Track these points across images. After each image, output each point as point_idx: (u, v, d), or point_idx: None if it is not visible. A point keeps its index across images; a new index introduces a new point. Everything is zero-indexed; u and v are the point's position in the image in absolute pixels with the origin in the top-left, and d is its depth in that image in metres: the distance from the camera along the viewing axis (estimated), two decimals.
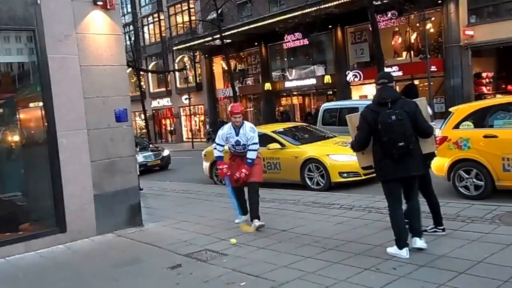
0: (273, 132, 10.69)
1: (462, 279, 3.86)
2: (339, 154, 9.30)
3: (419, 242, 4.64)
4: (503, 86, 19.78)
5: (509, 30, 17.78)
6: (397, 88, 21.51)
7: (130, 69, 32.35)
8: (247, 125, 6.36)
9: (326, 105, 14.77)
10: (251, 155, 6.21)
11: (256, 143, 6.26)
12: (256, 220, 6.14)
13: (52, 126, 6.16)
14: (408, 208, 4.76)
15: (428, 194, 5.19)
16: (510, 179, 6.67)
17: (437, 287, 3.73)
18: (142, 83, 37.66)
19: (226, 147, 6.54)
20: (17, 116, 6.77)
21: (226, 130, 6.38)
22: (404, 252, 4.52)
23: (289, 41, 26.74)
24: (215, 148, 6.53)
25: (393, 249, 4.63)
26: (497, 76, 20.63)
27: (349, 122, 5.01)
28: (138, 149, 16.80)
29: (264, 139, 10.45)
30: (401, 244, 4.56)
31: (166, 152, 17.23)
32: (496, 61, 20.74)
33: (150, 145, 19.39)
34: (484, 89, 20.24)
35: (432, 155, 5.25)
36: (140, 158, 15.43)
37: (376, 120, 4.46)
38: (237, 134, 6.28)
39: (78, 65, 6.35)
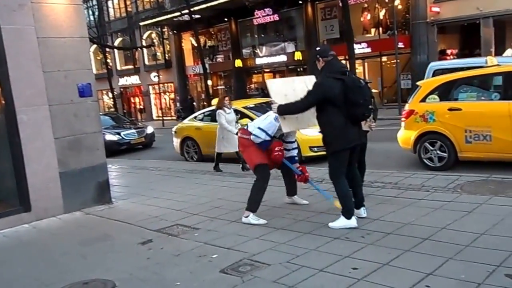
0: (244, 107, 10.65)
1: (427, 244, 3.98)
2: (310, 129, 9.35)
3: (364, 211, 4.87)
4: None
5: (473, 7, 18.12)
6: (366, 65, 21.37)
7: (95, 45, 31.43)
8: None
9: (436, 64, 12.07)
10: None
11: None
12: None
13: (10, 102, 5.91)
14: (353, 177, 4.87)
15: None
16: (472, 151, 6.91)
17: (403, 252, 3.85)
18: (109, 61, 36.66)
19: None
20: None
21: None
22: (354, 221, 4.65)
23: (259, 17, 26.49)
24: (256, 135, 5.24)
25: (340, 222, 4.68)
26: (460, 53, 21.05)
27: (270, 88, 5.03)
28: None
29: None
30: (351, 214, 4.67)
31: (150, 129, 16.63)
32: (460, 38, 21.15)
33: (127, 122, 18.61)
34: None
35: None
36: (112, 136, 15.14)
37: (341, 86, 4.45)
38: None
39: (35, 36, 6.07)
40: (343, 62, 22.84)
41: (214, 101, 14.42)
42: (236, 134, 8.20)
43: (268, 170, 5.37)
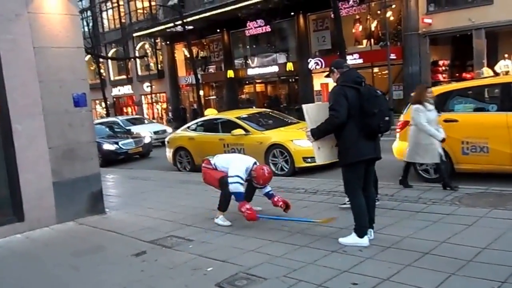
0: (237, 118, 10.62)
1: (428, 259, 3.93)
2: (303, 140, 9.32)
3: (372, 233, 4.56)
4: (457, 75, 20.43)
5: (465, 18, 18.31)
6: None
7: (89, 56, 31.42)
8: None
9: None
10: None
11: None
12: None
13: (5, 111, 5.87)
14: (366, 198, 4.52)
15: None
16: (469, 163, 6.88)
17: (404, 267, 3.78)
18: (102, 71, 36.65)
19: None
20: None
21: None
22: (366, 240, 4.40)
23: (251, 28, 26.57)
24: (237, 182, 5.48)
25: (350, 239, 4.45)
26: (452, 64, 21.24)
27: (306, 112, 4.67)
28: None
29: (228, 125, 10.43)
30: (363, 232, 4.41)
31: (147, 139, 16.45)
32: (452, 49, 21.33)
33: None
34: (440, 77, 20.80)
35: None
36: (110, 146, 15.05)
37: (357, 96, 4.29)
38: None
39: (31, 46, 6.06)
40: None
41: (208, 112, 14.39)
42: (442, 141, 6.47)
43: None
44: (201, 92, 28.24)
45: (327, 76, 4.83)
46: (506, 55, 18.00)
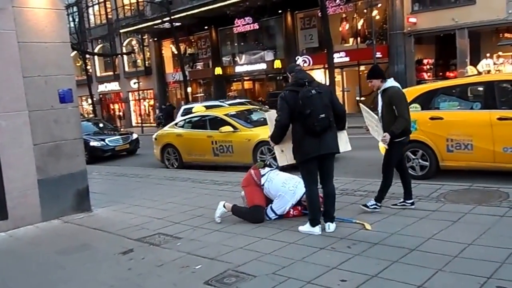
0: (225, 115, 10.60)
1: (415, 255, 3.96)
2: None
3: (332, 227, 4.85)
4: (441, 73, 20.70)
5: (448, 18, 18.57)
6: (344, 74, 21.90)
7: (75, 52, 31.13)
8: None
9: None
10: None
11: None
12: None
13: None
14: (325, 193, 4.95)
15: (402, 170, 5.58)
16: (453, 160, 6.96)
17: (392, 264, 3.81)
18: (88, 67, 36.29)
19: None
20: None
21: None
22: (317, 229, 4.81)
23: (239, 25, 26.59)
24: (274, 218, 5.51)
25: (305, 228, 4.88)
26: (436, 63, 21.51)
27: (268, 119, 5.24)
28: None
29: (217, 122, 10.41)
30: (314, 222, 4.84)
31: (134, 136, 16.35)
32: (436, 48, 21.62)
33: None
34: (425, 75, 21.08)
35: (408, 132, 5.48)
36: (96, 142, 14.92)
37: (296, 98, 4.64)
38: None
39: (15, 41, 5.98)
40: (321, 71, 23.09)
41: (196, 109, 14.34)
42: None
43: (262, 212, 5.51)
44: (189, 89, 28.15)
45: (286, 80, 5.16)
46: (488, 54, 18.32)
